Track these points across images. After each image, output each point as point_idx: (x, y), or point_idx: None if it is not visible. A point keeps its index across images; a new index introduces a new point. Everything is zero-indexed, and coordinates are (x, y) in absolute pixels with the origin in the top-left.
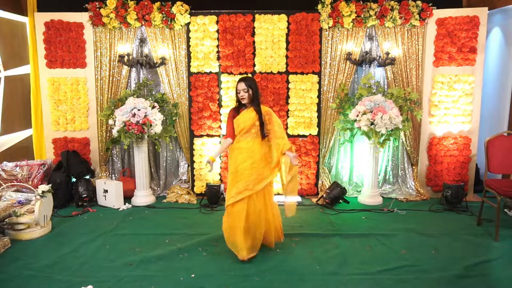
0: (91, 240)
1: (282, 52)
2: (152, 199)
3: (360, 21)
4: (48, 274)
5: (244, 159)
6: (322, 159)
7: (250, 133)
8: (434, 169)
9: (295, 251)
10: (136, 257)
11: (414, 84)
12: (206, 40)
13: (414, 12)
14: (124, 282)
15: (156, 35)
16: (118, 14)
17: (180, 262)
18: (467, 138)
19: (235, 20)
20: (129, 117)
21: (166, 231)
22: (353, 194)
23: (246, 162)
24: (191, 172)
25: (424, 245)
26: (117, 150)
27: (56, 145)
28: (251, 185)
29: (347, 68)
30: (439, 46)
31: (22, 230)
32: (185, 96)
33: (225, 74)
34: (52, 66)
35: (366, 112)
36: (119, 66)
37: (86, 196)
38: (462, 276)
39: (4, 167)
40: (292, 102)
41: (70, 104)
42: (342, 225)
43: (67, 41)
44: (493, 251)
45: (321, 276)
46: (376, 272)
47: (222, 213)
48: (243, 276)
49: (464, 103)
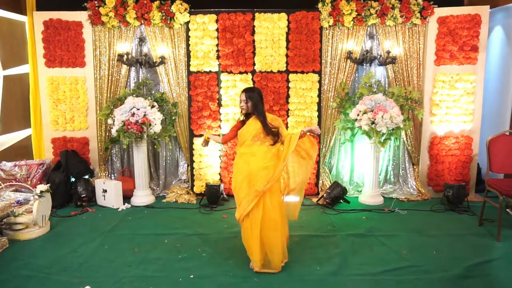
0: (90, 240)
1: (282, 51)
2: (151, 199)
3: (360, 19)
4: (46, 274)
5: (257, 162)
6: (323, 159)
7: (260, 138)
8: (436, 169)
9: (295, 251)
10: (135, 257)
11: (415, 83)
12: (206, 39)
13: (415, 11)
14: (122, 283)
15: (155, 34)
16: (117, 13)
17: (179, 263)
18: (468, 138)
19: (234, 18)
20: (129, 117)
21: (165, 231)
22: (354, 194)
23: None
24: (190, 172)
25: (425, 246)
26: (116, 150)
27: (55, 145)
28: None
29: (348, 67)
30: (440, 44)
31: (21, 230)
32: (184, 96)
33: (224, 73)
34: (51, 66)
35: (367, 111)
36: (118, 65)
37: (85, 196)
38: (463, 276)
39: (3, 166)
40: (292, 102)
41: (69, 104)
42: (343, 225)
43: (66, 40)
44: (495, 251)
45: (321, 277)
46: (376, 272)
47: (221, 213)
48: (243, 277)
49: (465, 102)
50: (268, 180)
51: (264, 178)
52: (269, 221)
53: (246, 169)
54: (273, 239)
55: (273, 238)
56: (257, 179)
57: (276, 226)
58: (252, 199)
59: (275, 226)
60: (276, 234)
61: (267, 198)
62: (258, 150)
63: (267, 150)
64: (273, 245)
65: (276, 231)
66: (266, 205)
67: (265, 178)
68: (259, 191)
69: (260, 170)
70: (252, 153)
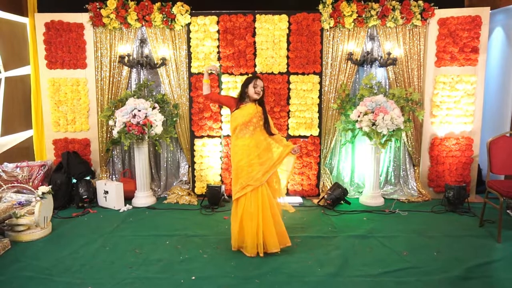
0: (91, 242)
1: (283, 53)
2: (152, 200)
3: (361, 21)
4: (48, 275)
5: (248, 154)
6: (323, 160)
7: (248, 130)
8: (436, 170)
9: (296, 252)
10: (136, 258)
11: (416, 84)
12: (207, 41)
13: (416, 12)
14: (123, 284)
15: (156, 35)
16: (119, 15)
17: (180, 264)
18: (469, 139)
19: (235, 20)
20: (130, 118)
21: (166, 233)
22: (355, 195)
23: (251, 156)
24: (191, 173)
25: (425, 247)
26: (118, 151)
27: (56, 146)
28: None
29: (348, 69)
30: (441, 46)
31: (22, 232)
32: (185, 97)
33: (225, 74)
34: (52, 67)
35: (368, 112)
36: (119, 67)
37: (86, 197)
38: (464, 278)
39: (4, 168)
40: (293, 103)
41: (71, 105)
42: (343, 226)
43: (67, 42)
44: (495, 253)
45: (322, 278)
46: (377, 273)
47: (222, 214)
48: (244, 278)
49: (466, 103)
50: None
51: (251, 173)
52: (246, 212)
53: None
54: (247, 228)
55: (247, 228)
56: (243, 173)
57: (252, 216)
58: (239, 190)
59: (250, 216)
60: (251, 224)
61: (249, 193)
62: (253, 144)
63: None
64: (248, 233)
65: (252, 221)
66: (247, 197)
67: (262, 171)
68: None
69: (257, 165)
70: (248, 146)
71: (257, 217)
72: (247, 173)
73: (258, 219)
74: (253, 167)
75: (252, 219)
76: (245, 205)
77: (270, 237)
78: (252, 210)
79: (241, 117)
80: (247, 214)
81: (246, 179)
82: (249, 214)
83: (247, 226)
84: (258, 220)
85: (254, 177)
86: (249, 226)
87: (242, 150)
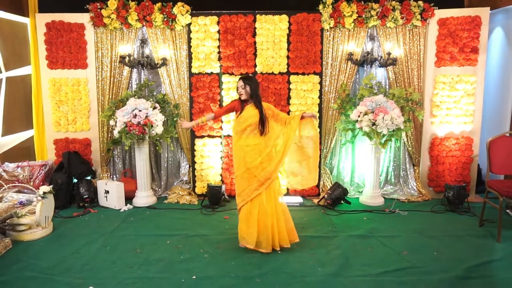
0: (92, 241)
1: (283, 53)
2: (153, 200)
3: (361, 21)
4: (49, 275)
5: (255, 157)
6: (324, 160)
7: (258, 130)
8: (436, 170)
9: (296, 252)
10: (137, 258)
11: (416, 84)
12: (207, 41)
13: (416, 12)
14: (124, 284)
15: (157, 35)
16: (119, 15)
17: (181, 264)
18: (469, 139)
19: (236, 20)
20: (130, 118)
21: (167, 232)
22: (355, 195)
23: (257, 160)
24: (192, 173)
25: (425, 246)
26: (118, 151)
27: (57, 146)
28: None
29: (349, 69)
30: (440, 46)
31: (23, 231)
32: (186, 97)
33: (226, 74)
34: (53, 67)
35: (368, 112)
36: (120, 67)
37: (87, 197)
38: (464, 277)
39: (5, 168)
40: (293, 103)
41: (71, 105)
42: (344, 226)
43: (68, 42)
44: (495, 252)
45: (322, 278)
46: (377, 273)
47: (223, 214)
48: (244, 278)
49: (466, 103)
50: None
51: (265, 169)
52: (262, 209)
53: (247, 161)
54: (263, 223)
55: (264, 223)
56: (258, 171)
57: (267, 213)
58: (257, 188)
59: (265, 213)
60: (266, 219)
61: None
62: (255, 143)
63: (263, 142)
64: (264, 229)
65: (266, 217)
66: (261, 196)
67: (266, 169)
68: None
69: (260, 163)
70: (250, 146)
71: (271, 214)
72: (262, 170)
73: (272, 215)
74: (265, 164)
75: (267, 215)
76: (260, 203)
77: (281, 232)
78: (267, 207)
79: (250, 118)
80: (263, 212)
81: (263, 176)
82: (265, 211)
83: (263, 223)
84: (272, 216)
85: (268, 172)
86: (264, 222)
87: (254, 150)
